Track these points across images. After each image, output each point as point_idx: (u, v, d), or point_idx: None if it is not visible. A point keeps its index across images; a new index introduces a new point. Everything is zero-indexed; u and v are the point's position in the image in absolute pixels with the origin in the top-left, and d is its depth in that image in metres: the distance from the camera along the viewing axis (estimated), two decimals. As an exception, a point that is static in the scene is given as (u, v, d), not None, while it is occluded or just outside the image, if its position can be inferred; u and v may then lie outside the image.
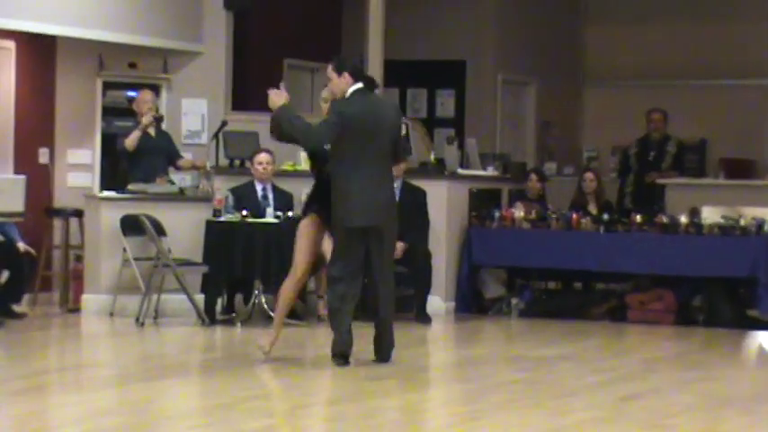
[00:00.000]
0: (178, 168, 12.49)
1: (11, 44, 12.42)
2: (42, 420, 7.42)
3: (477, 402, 8.08)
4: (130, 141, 12.04)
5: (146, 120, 12.14)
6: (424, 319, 11.74)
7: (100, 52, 12.91)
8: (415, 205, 12.01)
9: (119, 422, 7.29)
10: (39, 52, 12.70)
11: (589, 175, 12.89)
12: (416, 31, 15.59)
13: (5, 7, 11.52)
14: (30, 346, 10.21)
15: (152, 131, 12.26)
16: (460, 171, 12.72)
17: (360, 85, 9.10)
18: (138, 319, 11.17)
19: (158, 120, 12.26)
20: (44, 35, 12.25)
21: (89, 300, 11.84)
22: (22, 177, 11.22)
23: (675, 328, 11.76)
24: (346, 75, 9.11)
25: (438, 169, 12.71)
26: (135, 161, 12.13)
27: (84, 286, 11.96)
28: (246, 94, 14.74)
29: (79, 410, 7.73)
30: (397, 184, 12.02)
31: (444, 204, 12.32)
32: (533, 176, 13.04)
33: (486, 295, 12.47)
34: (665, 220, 12.02)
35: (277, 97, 9.04)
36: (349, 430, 7.31)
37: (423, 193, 12.09)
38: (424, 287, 11.90)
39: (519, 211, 12.40)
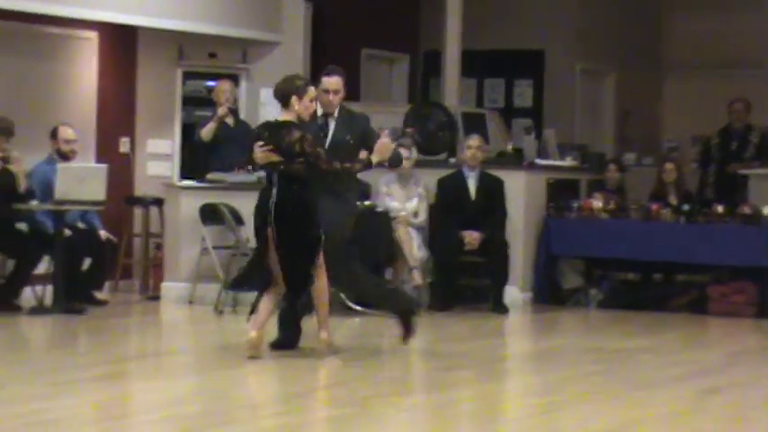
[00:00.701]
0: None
1: (93, 35, 12.56)
2: (123, 407, 7.50)
3: (555, 394, 8.04)
4: (206, 132, 12.13)
5: (221, 111, 12.22)
6: (501, 309, 11.71)
7: (180, 42, 13.01)
8: (492, 196, 11.98)
9: (197, 409, 7.35)
10: (120, 43, 12.82)
11: (669, 166, 12.77)
12: (494, 21, 15.53)
13: (88, -1, 11.66)
14: (110, 332, 10.32)
15: (230, 121, 12.33)
16: (538, 161, 12.65)
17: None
18: (216, 308, 11.24)
19: (233, 111, 12.33)
20: (126, 26, 12.37)
21: (168, 288, 11.94)
22: (103, 166, 11.33)
23: (757, 320, 11.61)
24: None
25: (515, 159, 12.66)
26: (213, 151, 12.21)
27: (163, 274, 12.07)
28: (325, 83, 14.75)
29: (159, 397, 7.81)
30: (474, 174, 12.03)
31: (522, 194, 12.26)
32: (612, 167, 12.94)
33: (563, 286, 12.40)
34: (747, 210, 11.88)
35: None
36: (426, 420, 7.31)
37: (500, 184, 12.05)
38: (501, 278, 11.86)
39: (598, 202, 12.32)
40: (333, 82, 9.00)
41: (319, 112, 9.04)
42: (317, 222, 8.65)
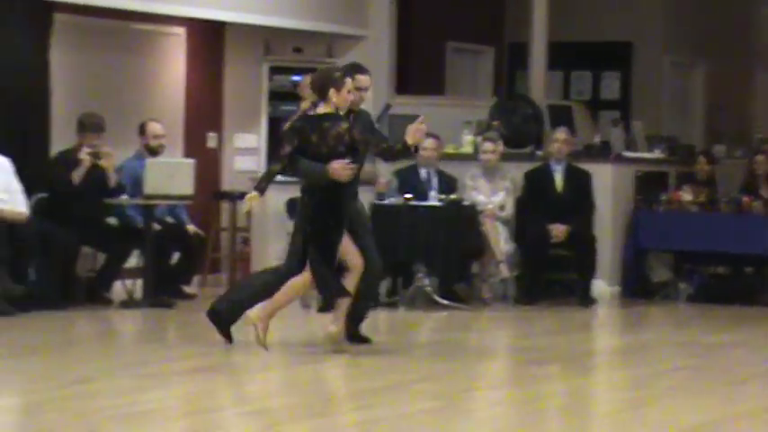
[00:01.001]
0: None
1: (181, 30, 12.66)
2: (211, 400, 7.54)
3: (646, 388, 7.95)
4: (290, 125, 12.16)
5: (304, 105, 12.22)
6: (589, 303, 11.61)
7: (266, 37, 13.07)
8: (579, 188, 11.89)
9: (286, 402, 7.37)
10: (208, 38, 12.90)
11: (760, 158, 12.57)
12: (582, 13, 15.40)
13: (176, -5, 11.77)
14: (199, 326, 10.37)
15: None
16: (626, 154, 12.53)
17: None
18: (302, 301, 11.26)
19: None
20: (213, 21, 12.45)
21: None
22: (191, 161, 11.40)
23: None
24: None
25: (603, 152, 12.55)
26: None
27: (250, 268, 12.13)
28: (410, 77, 14.76)
29: (246, 391, 7.85)
30: (560, 167, 11.94)
31: (609, 187, 12.16)
32: (702, 159, 12.78)
33: (652, 279, 12.28)
34: (839, 203, 11.67)
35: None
36: (515, 415, 7.27)
37: (587, 177, 11.96)
38: (589, 271, 11.76)
39: (687, 194, 12.17)
40: (366, 79, 8.99)
41: None
42: None
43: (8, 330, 9.62)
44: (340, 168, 8.54)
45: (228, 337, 8.85)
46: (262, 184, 8.71)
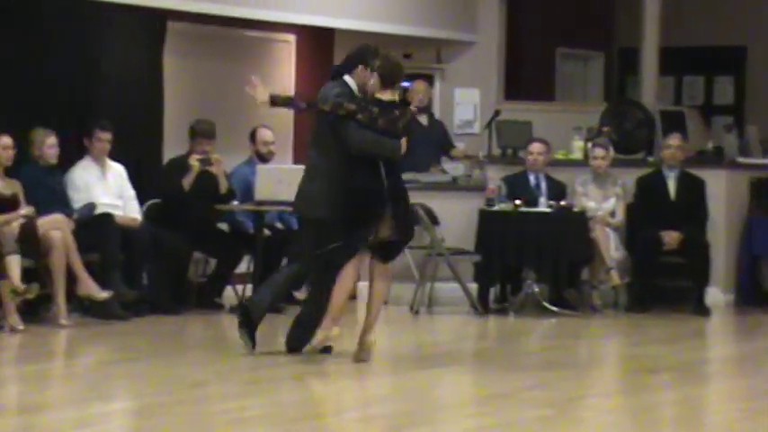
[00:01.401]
0: (451, 158, 12.54)
1: (291, 37, 12.74)
2: (321, 406, 7.56)
3: (761, 398, 7.81)
4: None
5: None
6: (703, 311, 11.44)
7: (376, 43, 13.06)
8: (692, 195, 11.72)
9: (396, 409, 7.36)
10: (318, 45, 12.97)
11: None
12: (694, 17, 15.20)
13: (287, 1, 11.84)
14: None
15: (424, 121, 12.35)
16: (740, 159, 12.33)
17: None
18: (412, 307, 11.27)
19: (422, 110, 12.32)
20: (323, 28, 12.52)
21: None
22: (301, 167, 11.40)
23: None
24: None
25: (716, 158, 12.37)
26: (406, 150, 12.21)
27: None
28: (519, 83, 14.70)
29: (356, 397, 7.86)
30: (673, 174, 11.78)
31: (723, 194, 11.98)
32: (820, 165, 12.53)
33: (765, 287, 12.06)
34: None
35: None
36: (628, 424, 7.18)
37: (701, 183, 11.79)
38: (702, 279, 11.58)
39: (803, 201, 11.94)
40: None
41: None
42: None
43: (122, 335, 9.76)
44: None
45: (253, 342, 8.63)
46: (280, 99, 8.59)
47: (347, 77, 8.63)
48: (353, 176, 8.44)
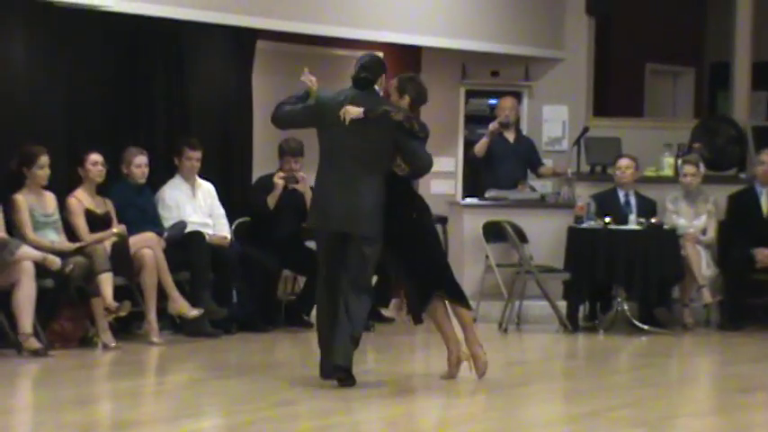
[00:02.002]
0: (539, 175, 12.49)
1: (378, 55, 12.74)
2: (410, 424, 7.55)
3: None
4: (478, 147, 12.18)
5: (491, 126, 12.24)
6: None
7: (463, 61, 13.09)
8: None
9: (484, 428, 7.33)
10: (405, 62, 12.97)
11: None
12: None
13: (373, 20, 11.88)
14: (397, 349, 10.44)
15: (510, 137, 12.31)
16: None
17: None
18: (501, 325, 11.23)
19: (505, 125, 12.28)
20: (410, 46, 12.54)
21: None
22: (388, 185, 11.45)
23: None
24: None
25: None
26: (491, 166, 12.21)
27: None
28: (608, 99, 14.61)
29: (444, 415, 7.83)
30: (766, 191, 11.61)
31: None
32: None
33: None
34: None
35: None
36: (721, 444, 7.09)
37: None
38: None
39: None
40: None
41: None
42: None
43: (212, 352, 9.83)
44: None
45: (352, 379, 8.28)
46: (372, 113, 8.15)
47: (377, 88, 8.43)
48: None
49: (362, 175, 8.15)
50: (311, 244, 11.47)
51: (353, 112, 8.15)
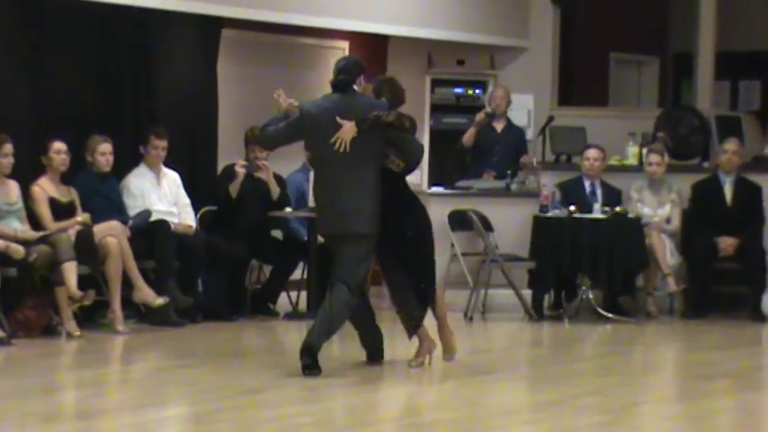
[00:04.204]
0: (519, 166, 12.46)
1: (344, 44, 12.77)
2: (375, 413, 7.56)
3: (820, 406, 7.73)
4: (467, 137, 12.22)
5: (478, 117, 12.25)
6: (759, 317, 11.34)
7: (429, 50, 13.10)
8: (749, 201, 11.62)
9: (449, 416, 7.35)
10: (371, 51, 12.98)
11: None
12: (750, 20, 15.07)
13: (340, 8, 11.87)
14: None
15: (499, 126, 12.28)
16: (797, 165, 12.21)
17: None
18: (466, 314, 11.26)
19: (490, 115, 12.29)
20: (376, 35, 12.53)
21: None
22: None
23: None
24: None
25: (773, 164, 12.25)
26: (479, 156, 12.21)
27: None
28: (573, 88, 14.66)
29: (410, 403, 7.85)
30: (729, 179, 11.68)
31: (780, 200, 11.85)
32: None
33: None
34: None
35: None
36: (684, 431, 7.13)
37: (757, 189, 11.68)
38: (759, 285, 11.48)
39: None
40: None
41: None
42: None
43: (177, 341, 9.81)
44: None
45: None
46: (366, 124, 8.26)
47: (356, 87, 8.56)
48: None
49: (355, 176, 8.33)
50: (277, 233, 11.49)
51: (349, 135, 8.27)
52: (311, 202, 10.99)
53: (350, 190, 8.29)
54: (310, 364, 8.21)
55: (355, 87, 8.49)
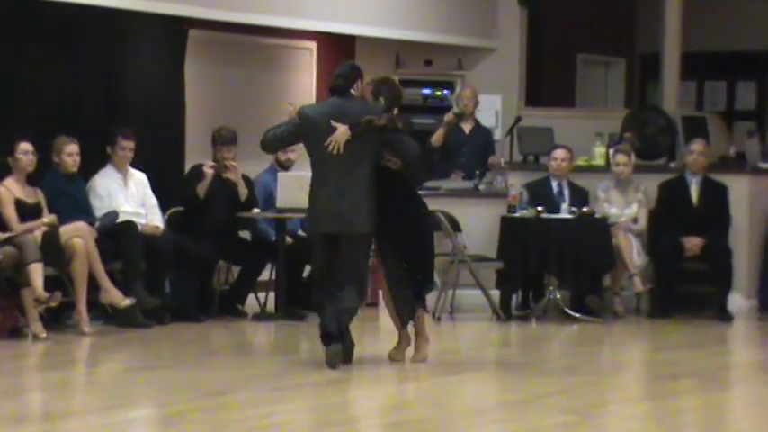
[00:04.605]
0: (487, 166, 12.47)
1: (312, 45, 12.77)
2: (343, 412, 7.57)
3: (785, 404, 7.78)
4: (435, 138, 12.20)
5: (446, 117, 12.26)
6: (725, 317, 11.40)
7: (397, 50, 13.11)
8: (715, 201, 11.69)
9: (418, 415, 7.37)
10: (338, 52, 12.99)
11: None
12: (716, 22, 15.16)
13: (308, 9, 11.87)
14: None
15: (467, 128, 12.29)
16: (762, 165, 12.29)
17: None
18: (434, 314, 11.26)
19: (459, 116, 12.30)
20: (344, 35, 12.54)
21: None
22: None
23: None
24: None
25: (739, 164, 12.33)
26: (447, 157, 12.22)
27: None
28: (540, 89, 14.71)
29: (379, 403, 7.86)
30: (696, 180, 11.74)
31: (746, 200, 11.93)
32: (841, 170, 12.47)
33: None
34: None
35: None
36: (651, 430, 7.17)
37: (723, 189, 11.75)
38: (725, 285, 11.55)
39: (826, 206, 11.89)
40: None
41: None
42: None
43: (144, 342, 9.78)
44: None
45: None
46: (360, 127, 8.47)
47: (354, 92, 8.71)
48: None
49: (351, 176, 8.52)
50: (245, 234, 11.47)
51: (342, 138, 8.46)
52: (279, 203, 11.00)
53: (347, 190, 8.51)
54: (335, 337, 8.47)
55: (353, 92, 8.68)
